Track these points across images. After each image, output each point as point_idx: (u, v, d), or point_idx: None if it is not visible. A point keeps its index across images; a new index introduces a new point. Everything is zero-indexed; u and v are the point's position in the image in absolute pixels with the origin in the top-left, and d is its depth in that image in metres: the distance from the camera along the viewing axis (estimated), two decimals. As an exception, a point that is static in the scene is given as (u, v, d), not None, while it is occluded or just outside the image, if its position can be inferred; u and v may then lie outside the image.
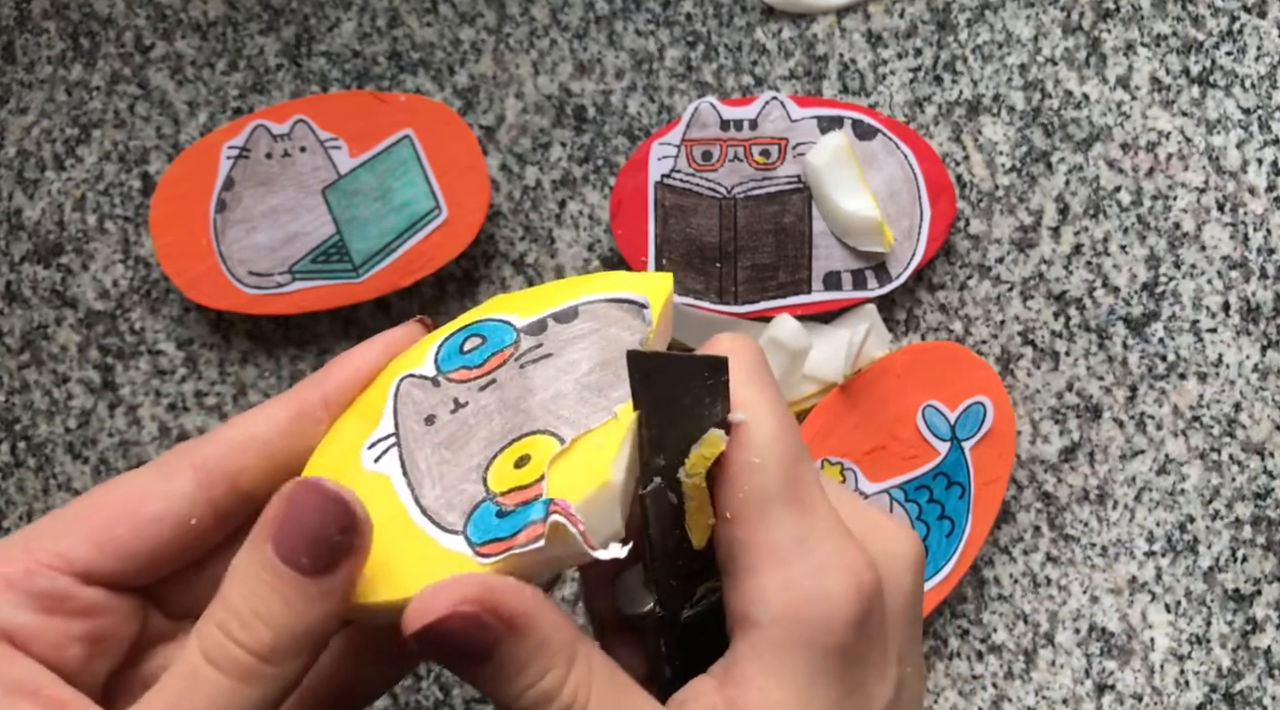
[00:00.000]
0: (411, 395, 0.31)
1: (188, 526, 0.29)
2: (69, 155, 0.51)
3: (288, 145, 0.49)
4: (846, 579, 0.29)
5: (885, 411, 0.48)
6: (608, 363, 0.31)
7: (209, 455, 0.30)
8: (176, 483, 0.29)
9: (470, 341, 0.32)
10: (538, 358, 0.31)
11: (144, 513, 0.29)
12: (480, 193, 0.48)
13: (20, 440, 0.51)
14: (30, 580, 0.28)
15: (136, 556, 0.29)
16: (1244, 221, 0.49)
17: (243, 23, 0.51)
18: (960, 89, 0.49)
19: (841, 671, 0.29)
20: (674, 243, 0.48)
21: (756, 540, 0.29)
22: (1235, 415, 0.48)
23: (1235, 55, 0.49)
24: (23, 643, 0.28)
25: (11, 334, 0.51)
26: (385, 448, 0.30)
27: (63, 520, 0.29)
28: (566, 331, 0.32)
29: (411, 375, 0.32)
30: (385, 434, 0.30)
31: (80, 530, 0.29)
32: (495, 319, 0.33)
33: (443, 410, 0.31)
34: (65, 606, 0.28)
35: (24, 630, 0.28)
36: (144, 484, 0.29)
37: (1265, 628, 0.48)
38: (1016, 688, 0.49)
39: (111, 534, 0.29)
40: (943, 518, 0.47)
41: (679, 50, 0.50)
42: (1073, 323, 0.49)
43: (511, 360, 0.31)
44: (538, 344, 0.32)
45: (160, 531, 0.29)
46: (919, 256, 0.48)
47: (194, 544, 0.30)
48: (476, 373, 0.31)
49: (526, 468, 0.29)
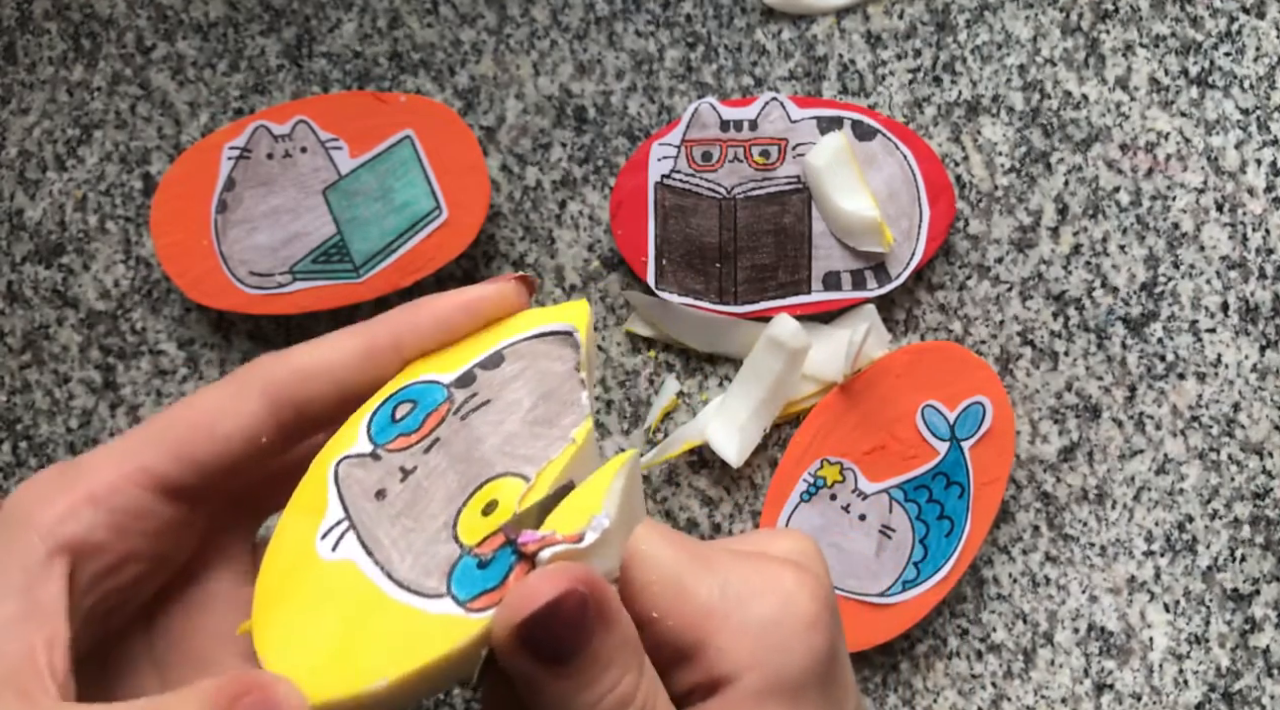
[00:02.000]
0: (353, 476, 0.30)
1: (257, 444, 0.30)
2: (70, 156, 0.51)
3: (289, 146, 0.49)
4: (782, 591, 0.29)
5: (884, 411, 0.48)
6: (549, 394, 0.31)
7: (280, 379, 0.30)
8: (249, 403, 0.30)
9: (400, 409, 0.31)
10: (477, 406, 0.31)
11: (219, 429, 0.30)
12: (480, 193, 0.48)
13: (22, 440, 0.51)
14: (114, 496, 0.29)
15: (211, 471, 0.30)
16: (1243, 222, 0.49)
17: (244, 23, 0.51)
18: (959, 90, 0.49)
19: (820, 679, 0.29)
20: (674, 243, 0.49)
21: (688, 613, 0.29)
22: (1234, 415, 0.49)
23: (1234, 56, 0.49)
24: (87, 555, 0.28)
25: (13, 334, 0.51)
26: (340, 533, 0.29)
27: (146, 435, 0.30)
28: (498, 376, 0.31)
29: (348, 457, 0.30)
30: (336, 521, 0.29)
31: (162, 445, 0.29)
32: (420, 382, 0.31)
33: (391, 482, 0.30)
34: (138, 525, 0.29)
35: (91, 546, 0.28)
36: (219, 402, 0.30)
37: (1264, 627, 0.48)
38: (1016, 687, 0.49)
39: (190, 448, 0.30)
40: (942, 517, 0.47)
41: (679, 51, 0.50)
42: (1072, 323, 0.49)
43: (450, 415, 0.31)
44: (472, 394, 0.31)
45: (232, 448, 0.30)
46: (918, 257, 0.48)
47: (260, 461, 0.31)
48: (416, 437, 0.30)
49: (495, 512, 0.29)
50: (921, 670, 0.49)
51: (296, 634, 0.28)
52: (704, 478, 0.50)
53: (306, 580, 0.28)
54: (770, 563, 0.30)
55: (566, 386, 0.31)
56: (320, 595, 0.28)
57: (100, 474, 0.29)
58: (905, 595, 0.48)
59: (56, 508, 0.28)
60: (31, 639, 0.27)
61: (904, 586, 0.48)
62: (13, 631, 0.27)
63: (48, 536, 0.28)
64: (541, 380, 0.31)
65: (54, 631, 0.27)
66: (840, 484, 0.48)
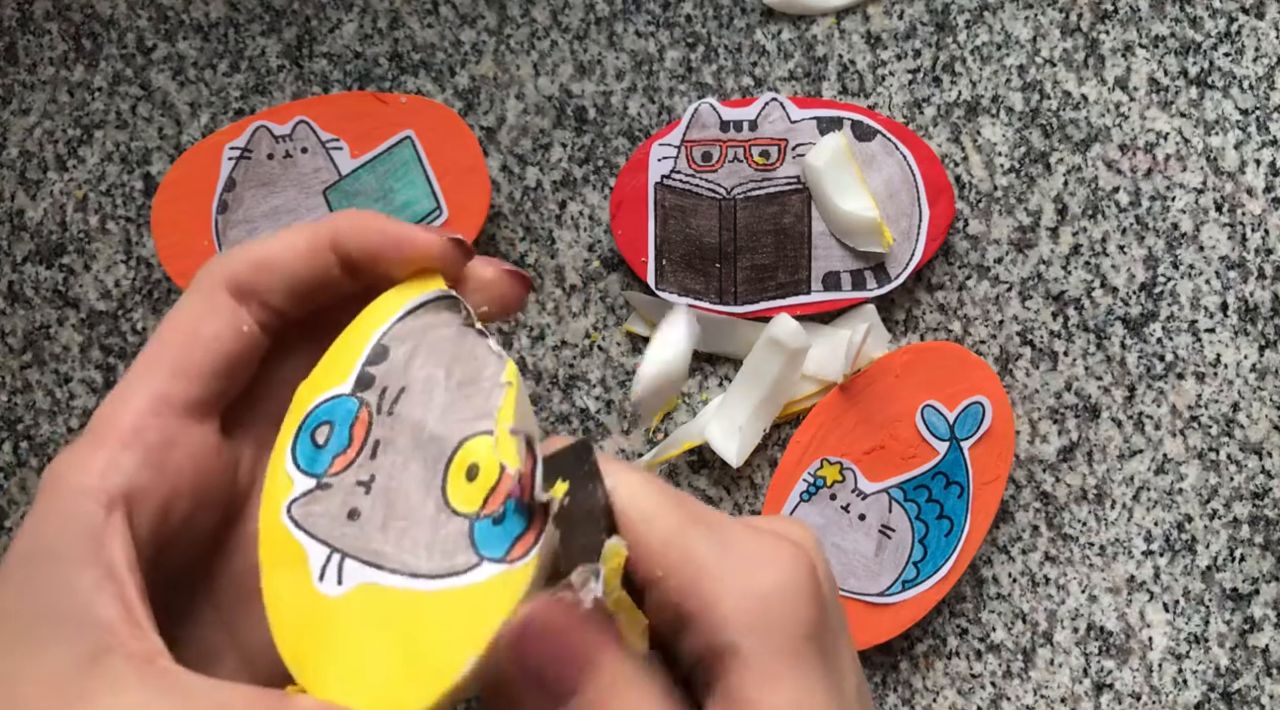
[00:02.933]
0: (313, 513, 0.29)
1: (241, 334, 0.31)
2: (71, 156, 0.51)
3: (289, 146, 0.49)
4: (783, 563, 0.29)
5: (884, 411, 0.48)
6: (455, 357, 0.30)
7: (236, 272, 0.31)
8: (217, 300, 0.31)
9: (319, 433, 0.30)
10: (395, 397, 0.30)
11: (202, 332, 0.30)
12: (481, 193, 0.48)
13: (23, 440, 0.51)
14: (142, 434, 0.29)
15: (214, 372, 0.30)
16: (1242, 222, 0.49)
17: (244, 24, 0.51)
18: (959, 90, 0.49)
19: (819, 650, 0.29)
20: (674, 243, 0.49)
21: (690, 574, 0.29)
22: (1233, 415, 0.49)
23: (1233, 56, 0.49)
24: (138, 502, 0.29)
25: (14, 334, 0.51)
26: (336, 567, 0.29)
27: (144, 367, 0.30)
28: (393, 365, 0.31)
29: (294, 500, 0.30)
30: (324, 558, 0.29)
31: (162, 368, 0.30)
32: (321, 402, 0.31)
33: (356, 499, 0.29)
34: (175, 456, 0.30)
35: (139, 489, 0.29)
36: (192, 310, 0.31)
37: (1263, 627, 0.48)
38: (1015, 687, 0.49)
39: (186, 359, 0.30)
40: (941, 517, 0.48)
41: (679, 51, 0.50)
42: (1071, 323, 0.49)
43: (376, 416, 0.30)
44: (381, 390, 0.30)
45: (222, 346, 0.31)
46: (918, 257, 0.48)
47: (252, 354, 0.31)
48: (353, 451, 0.30)
49: (481, 474, 0.29)
50: (921, 670, 0.49)
51: (356, 673, 0.27)
52: (704, 478, 0.50)
53: (331, 623, 0.28)
54: (771, 536, 0.30)
55: (467, 344, 0.31)
56: (355, 628, 0.28)
57: (122, 419, 0.29)
58: (905, 595, 0.48)
59: (96, 464, 0.29)
60: (122, 599, 0.27)
61: (903, 586, 0.48)
62: (100, 598, 0.27)
63: (98, 494, 0.28)
64: (439, 349, 0.31)
65: (134, 589, 0.28)
66: (840, 484, 0.48)
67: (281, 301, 0.32)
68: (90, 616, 0.27)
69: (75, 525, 0.28)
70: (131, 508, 0.29)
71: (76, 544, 0.28)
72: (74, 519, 0.28)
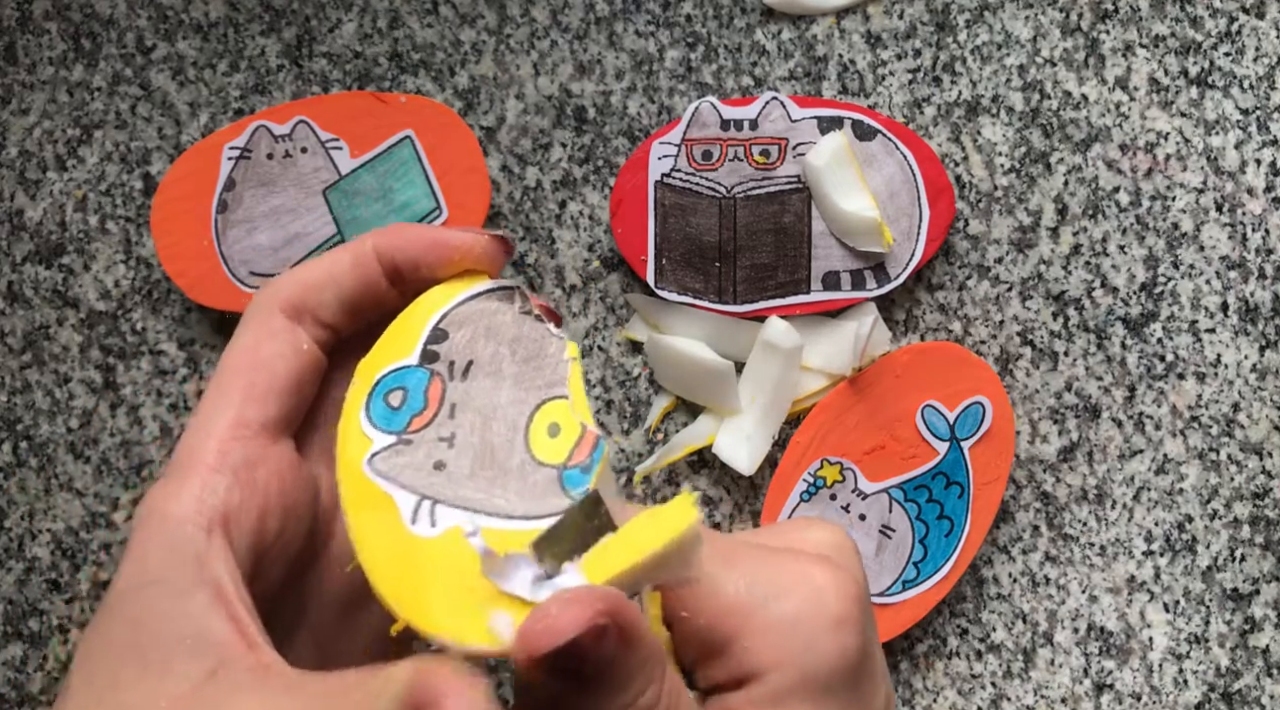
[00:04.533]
0: (397, 463, 0.31)
1: (302, 353, 0.32)
2: (70, 156, 0.51)
3: (289, 146, 0.49)
4: (805, 591, 0.29)
5: (884, 411, 0.48)
6: (516, 339, 0.32)
7: (291, 295, 0.33)
8: (273, 323, 0.32)
9: (392, 398, 0.32)
10: (465, 368, 0.32)
11: (265, 354, 0.32)
12: (481, 193, 0.48)
13: (22, 440, 0.51)
14: (225, 458, 0.30)
15: (282, 392, 0.32)
16: (1242, 222, 0.49)
17: (244, 24, 0.51)
18: (959, 90, 0.49)
19: (846, 680, 0.29)
20: (674, 242, 0.49)
21: (715, 611, 0.29)
22: (1234, 415, 0.49)
23: (1233, 56, 0.49)
24: (234, 521, 0.30)
25: (13, 334, 0.51)
26: (429, 511, 0.30)
27: (217, 395, 0.32)
28: (456, 344, 0.32)
29: (376, 453, 0.31)
30: (414, 504, 0.30)
31: (234, 396, 0.31)
32: (390, 371, 0.32)
33: (440, 452, 0.31)
34: (261, 473, 0.31)
35: (233, 508, 0.30)
36: (252, 335, 0.32)
37: (1263, 627, 0.48)
38: (1015, 687, 0.49)
39: (254, 382, 0.31)
40: (942, 517, 0.48)
41: (679, 51, 0.50)
42: (1071, 323, 0.49)
43: (449, 382, 0.32)
44: (449, 363, 0.32)
45: (286, 364, 0.32)
46: (918, 257, 0.48)
47: (313, 371, 0.33)
48: (429, 413, 0.31)
49: (562, 432, 0.30)
50: (921, 670, 0.49)
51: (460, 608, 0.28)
52: (704, 478, 0.50)
53: (429, 562, 0.29)
54: (799, 558, 0.30)
55: (526, 327, 0.32)
56: (454, 565, 0.29)
57: (206, 446, 0.31)
58: (905, 595, 0.48)
59: (190, 491, 0.30)
60: (233, 617, 0.28)
61: (904, 586, 0.48)
62: (213, 618, 0.28)
63: (197, 519, 0.29)
64: (499, 331, 0.32)
65: (243, 606, 0.29)
66: (840, 484, 0.48)
67: (334, 317, 0.33)
68: (205, 637, 0.28)
69: (179, 552, 0.29)
70: (229, 527, 0.30)
71: (183, 570, 0.29)
72: (177, 546, 0.29)
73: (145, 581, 0.29)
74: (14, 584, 0.51)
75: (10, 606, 0.51)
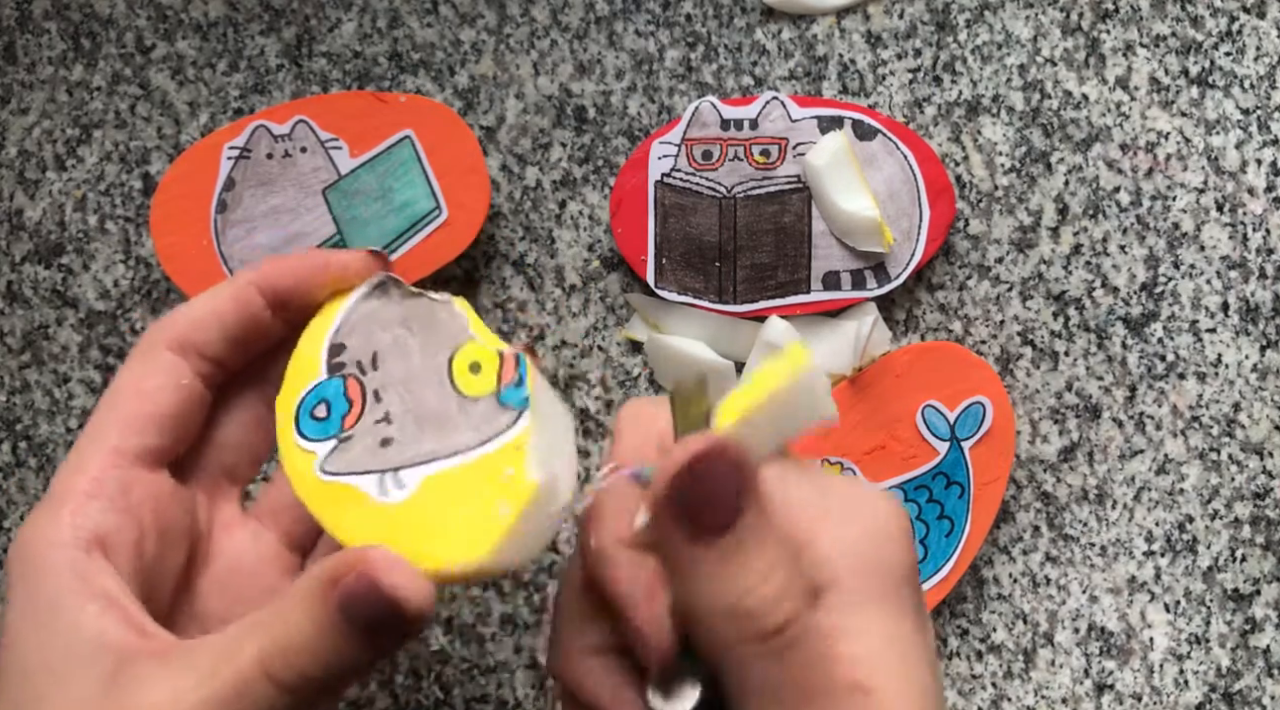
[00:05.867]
0: (345, 458, 0.32)
1: (182, 387, 0.34)
2: (70, 156, 0.51)
3: (288, 146, 0.49)
4: (880, 507, 0.31)
5: (885, 411, 0.48)
6: (410, 318, 0.33)
7: (176, 331, 0.34)
8: (158, 357, 0.34)
9: (317, 410, 0.33)
10: (372, 359, 0.33)
11: (147, 386, 0.33)
12: (480, 193, 0.48)
13: (21, 440, 0.51)
14: (101, 485, 0.32)
15: (159, 424, 0.33)
16: (1243, 222, 0.49)
17: (243, 23, 0.51)
18: (960, 89, 0.49)
19: (913, 592, 0.31)
20: (674, 242, 0.49)
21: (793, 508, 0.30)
22: (1234, 415, 0.49)
23: (1234, 56, 0.49)
24: (113, 545, 0.31)
25: (13, 334, 0.51)
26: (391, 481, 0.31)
27: (94, 428, 0.33)
28: (355, 348, 0.34)
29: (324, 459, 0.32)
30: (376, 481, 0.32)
31: (111, 426, 0.33)
32: (304, 395, 0.33)
33: (382, 430, 0.32)
34: (134, 497, 0.32)
35: (112, 534, 0.31)
36: (137, 369, 0.34)
37: (1264, 627, 0.48)
38: (1016, 687, 0.49)
39: (134, 413, 0.33)
40: (942, 517, 0.47)
41: (679, 51, 0.50)
42: (1072, 323, 0.49)
43: (363, 378, 0.33)
44: (356, 362, 0.33)
45: (165, 396, 0.33)
46: (918, 256, 0.48)
47: (194, 405, 0.34)
48: (356, 408, 0.33)
49: (483, 366, 0.32)
50: (922, 670, 0.49)
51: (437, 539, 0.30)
52: (704, 478, 0.50)
53: (405, 520, 0.31)
54: (863, 484, 0.32)
55: (411, 306, 0.34)
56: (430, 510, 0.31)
57: (80, 478, 0.32)
58: (905, 595, 0.48)
59: (64, 518, 0.31)
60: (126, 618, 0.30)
61: (904, 586, 0.48)
62: (107, 624, 0.30)
63: (73, 542, 0.31)
64: (389, 320, 0.34)
65: (136, 607, 0.30)
66: (840, 484, 0.48)
67: (219, 350, 0.34)
68: (103, 643, 0.29)
69: (63, 574, 0.30)
70: (106, 549, 0.31)
71: (69, 588, 0.30)
72: (59, 569, 0.30)
73: (39, 607, 0.30)
74: (13, 584, 0.51)
75: (9, 607, 0.51)
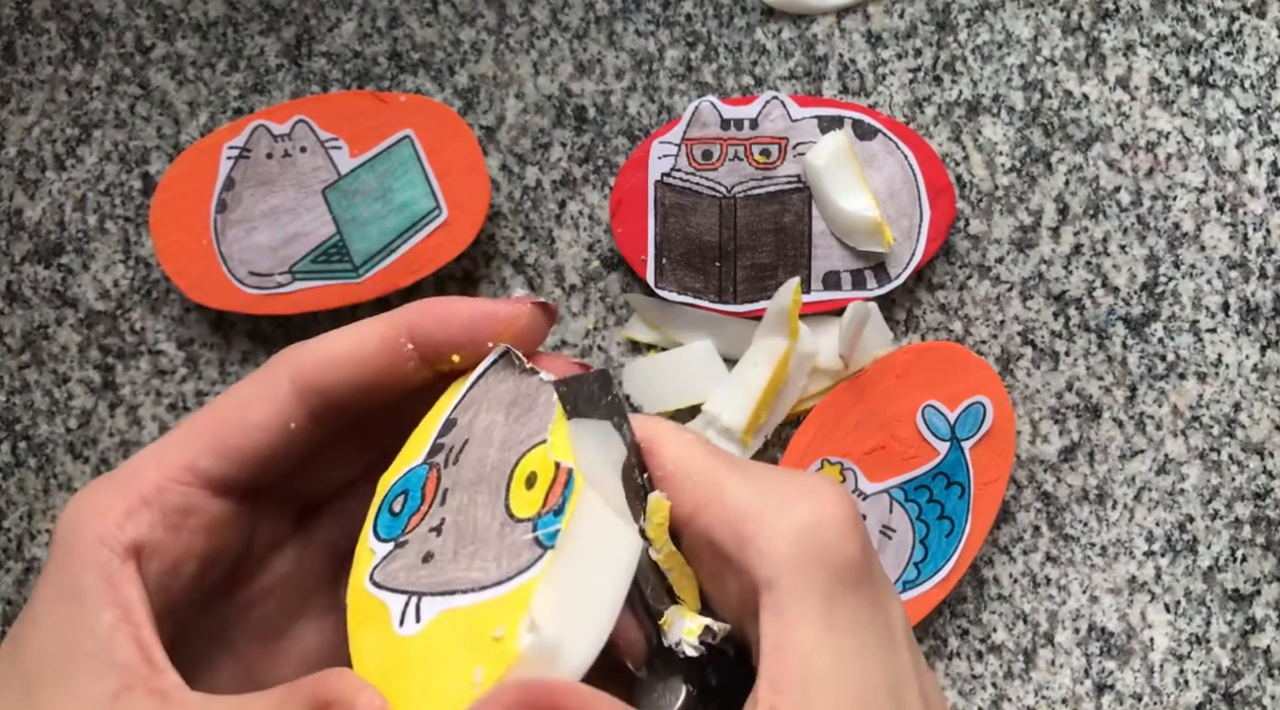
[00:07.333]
0: (391, 570, 0.29)
1: (288, 430, 0.31)
2: (69, 155, 0.51)
3: (288, 145, 0.49)
4: (821, 498, 0.29)
5: (885, 411, 0.48)
6: (514, 401, 0.30)
7: (305, 366, 0.31)
8: (276, 390, 0.31)
9: (396, 503, 0.31)
10: (460, 448, 0.30)
11: (249, 418, 0.31)
12: (480, 193, 0.48)
13: (21, 440, 0.51)
14: (163, 496, 0.30)
15: (248, 460, 0.31)
16: (1243, 221, 0.49)
17: (243, 23, 0.51)
18: (960, 89, 0.49)
19: (862, 586, 0.29)
20: (674, 241, 0.49)
21: (727, 508, 0.29)
22: (1235, 415, 0.48)
23: (1235, 55, 0.49)
24: (149, 556, 0.30)
25: (12, 334, 0.51)
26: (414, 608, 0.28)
27: (184, 433, 0.31)
28: (459, 429, 0.31)
29: (375, 567, 0.30)
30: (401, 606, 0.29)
31: (200, 441, 0.31)
32: (397, 480, 0.31)
33: (429, 543, 0.29)
34: (190, 522, 0.31)
35: (152, 545, 0.30)
36: (248, 393, 0.31)
37: (1265, 627, 0.48)
38: (1016, 687, 0.49)
39: (225, 440, 0.31)
40: (942, 517, 0.47)
41: (679, 50, 0.50)
42: (1072, 323, 0.49)
43: (444, 469, 0.30)
44: (449, 449, 0.31)
45: (265, 436, 0.31)
46: (918, 256, 0.48)
47: (294, 447, 0.32)
48: (425, 506, 0.30)
49: (539, 478, 0.29)
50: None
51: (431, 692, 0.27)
52: (704, 478, 0.50)
53: (410, 659, 0.28)
54: (801, 474, 0.30)
55: (521, 386, 0.31)
56: (432, 654, 0.28)
57: (147, 477, 0.30)
58: (906, 595, 0.47)
59: (114, 515, 0.30)
60: (138, 640, 0.29)
61: (904, 587, 0.47)
62: (118, 638, 0.28)
63: (114, 543, 0.29)
64: (498, 401, 0.31)
65: (149, 630, 0.29)
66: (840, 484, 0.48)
67: (346, 397, 0.32)
68: (109, 657, 0.28)
69: (94, 569, 0.29)
70: (141, 561, 0.30)
71: (95, 587, 0.29)
72: (93, 563, 0.29)
73: (62, 591, 0.29)
74: (13, 584, 0.51)
75: (9, 607, 0.51)
